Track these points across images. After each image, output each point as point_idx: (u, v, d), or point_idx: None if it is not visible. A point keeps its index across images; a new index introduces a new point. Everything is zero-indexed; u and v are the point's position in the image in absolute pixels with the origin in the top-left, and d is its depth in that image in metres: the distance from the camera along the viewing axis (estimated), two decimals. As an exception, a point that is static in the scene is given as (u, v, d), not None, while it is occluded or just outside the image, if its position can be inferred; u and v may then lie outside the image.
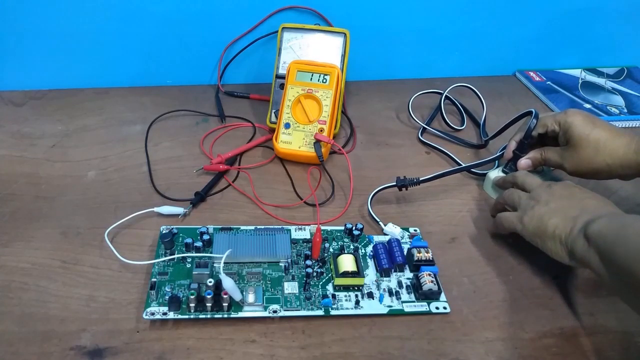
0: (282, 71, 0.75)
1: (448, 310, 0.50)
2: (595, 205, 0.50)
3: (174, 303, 0.47)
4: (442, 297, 0.51)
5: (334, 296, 0.51)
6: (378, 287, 0.52)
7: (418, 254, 0.53)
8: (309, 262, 0.53)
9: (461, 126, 0.79)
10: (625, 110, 0.84)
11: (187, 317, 0.47)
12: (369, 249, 0.56)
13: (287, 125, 0.68)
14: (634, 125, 0.82)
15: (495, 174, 0.65)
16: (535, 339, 0.48)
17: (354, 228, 0.57)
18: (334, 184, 0.66)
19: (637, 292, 0.41)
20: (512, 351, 0.47)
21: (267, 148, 0.73)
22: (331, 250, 0.56)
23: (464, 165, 0.68)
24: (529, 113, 0.62)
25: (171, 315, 0.47)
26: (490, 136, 0.72)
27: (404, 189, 0.63)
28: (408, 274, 0.54)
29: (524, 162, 0.62)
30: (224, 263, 0.49)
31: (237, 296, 0.48)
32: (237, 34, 0.83)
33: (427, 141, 0.75)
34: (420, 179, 0.62)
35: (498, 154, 0.67)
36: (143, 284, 0.51)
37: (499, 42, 0.91)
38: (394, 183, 0.63)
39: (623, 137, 0.56)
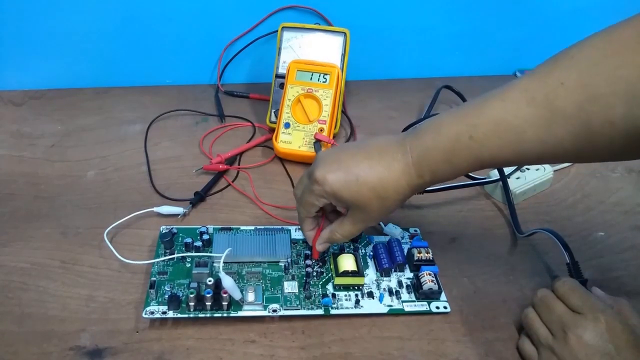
0: (282, 71, 0.75)
1: (448, 309, 0.50)
2: None
3: (174, 302, 0.47)
4: (443, 296, 0.51)
5: (334, 295, 0.50)
6: (378, 286, 0.52)
7: (418, 254, 0.53)
8: (308, 262, 0.53)
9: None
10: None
11: (186, 316, 0.47)
12: (369, 249, 0.56)
13: (287, 125, 0.68)
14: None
15: (495, 173, 0.65)
16: (536, 339, 0.48)
17: (354, 228, 0.57)
18: (334, 183, 0.66)
19: None
20: (512, 351, 0.47)
21: (267, 148, 0.73)
22: (331, 250, 0.55)
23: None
24: None
25: (170, 314, 0.47)
26: None
27: None
28: (408, 273, 0.54)
29: (320, 248, 0.51)
30: (224, 263, 0.48)
31: (237, 295, 0.47)
32: (237, 33, 0.83)
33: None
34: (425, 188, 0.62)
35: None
36: (142, 284, 0.51)
37: (499, 42, 0.91)
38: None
39: (392, 169, 0.43)
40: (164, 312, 0.47)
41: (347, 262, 0.51)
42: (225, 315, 0.48)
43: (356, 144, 0.48)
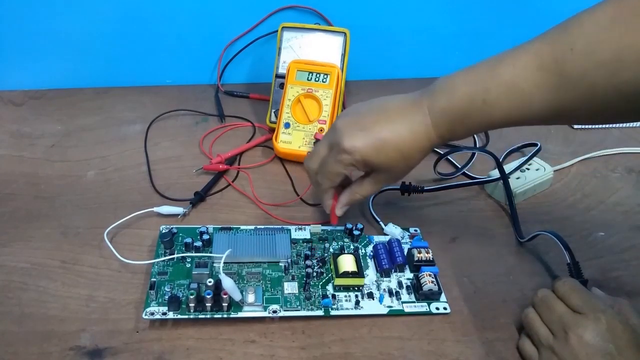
0: (282, 71, 0.75)
1: (448, 310, 0.50)
2: None
3: (174, 303, 0.47)
4: (442, 297, 0.51)
5: (334, 296, 0.50)
6: (378, 287, 0.52)
7: (418, 254, 0.53)
8: (309, 262, 0.53)
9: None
10: (626, 110, 0.84)
11: (186, 317, 0.47)
12: (369, 249, 0.56)
13: (287, 125, 0.68)
14: (634, 125, 0.82)
15: (496, 173, 0.65)
16: (536, 339, 0.48)
17: (354, 228, 0.57)
18: (334, 183, 0.66)
19: None
20: (513, 351, 0.47)
21: (267, 148, 0.72)
22: (331, 250, 0.55)
23: (460, 166, 0.67)
24: None
25: (171, 315, 0.47)
26: None
27: (406, 194, 0.63)
28: (408, 274, 0.54)
29: (339, 212, 0.54)
30: (224, 263, 0.48)
31: (237, 296, 0.47)
32: (237, 33, 0.83)
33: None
34: (425, 187, 0.62)
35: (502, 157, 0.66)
36: (142, 284, 0.51)
37: (499, 42, 0.91)
38: (397, 186, 0.62)
39: (414, 130, 0.46)
40: (164, 313, 0.47)
41: (347, 262, 0.51)
42: (225, 316, 0.48)
43: (370, 107, 0.49)
